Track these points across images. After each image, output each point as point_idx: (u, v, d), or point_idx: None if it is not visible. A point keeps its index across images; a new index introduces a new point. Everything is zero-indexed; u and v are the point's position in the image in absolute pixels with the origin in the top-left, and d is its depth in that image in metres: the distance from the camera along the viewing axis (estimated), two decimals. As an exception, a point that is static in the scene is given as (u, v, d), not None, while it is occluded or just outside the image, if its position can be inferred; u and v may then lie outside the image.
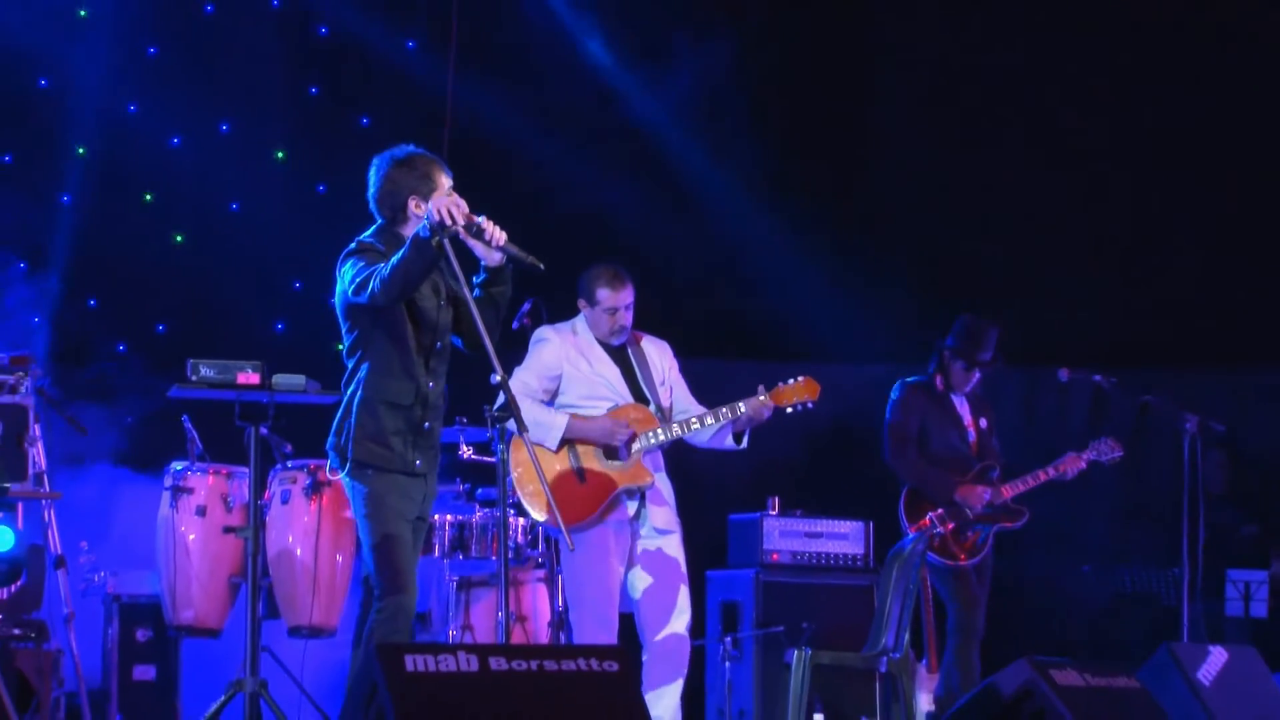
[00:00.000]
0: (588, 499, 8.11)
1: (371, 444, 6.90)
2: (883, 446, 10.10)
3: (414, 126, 12.91)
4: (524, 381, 8.12)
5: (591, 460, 8.12)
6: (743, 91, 13.02)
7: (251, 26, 12.56)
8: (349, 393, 7.00)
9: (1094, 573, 12.97)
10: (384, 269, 6.78)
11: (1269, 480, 12.59)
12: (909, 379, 10.16)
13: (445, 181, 7.13)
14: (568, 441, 8.09)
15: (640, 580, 8.32)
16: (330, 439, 7.03)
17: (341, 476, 7.03)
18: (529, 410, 7.71)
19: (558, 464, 8.10)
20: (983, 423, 10.06)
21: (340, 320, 7.13)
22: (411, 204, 7.14)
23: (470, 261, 7.07)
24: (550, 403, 8.27)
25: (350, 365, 7.07)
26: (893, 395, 10.11)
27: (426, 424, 7.04)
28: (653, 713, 7.34)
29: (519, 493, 8.05)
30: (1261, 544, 12.40)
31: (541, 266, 6.98)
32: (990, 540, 9.92)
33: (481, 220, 6.89)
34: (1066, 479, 10.02)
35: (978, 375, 10.01)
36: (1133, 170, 13.67)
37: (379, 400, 6.93)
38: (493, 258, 7.05)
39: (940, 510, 9.85)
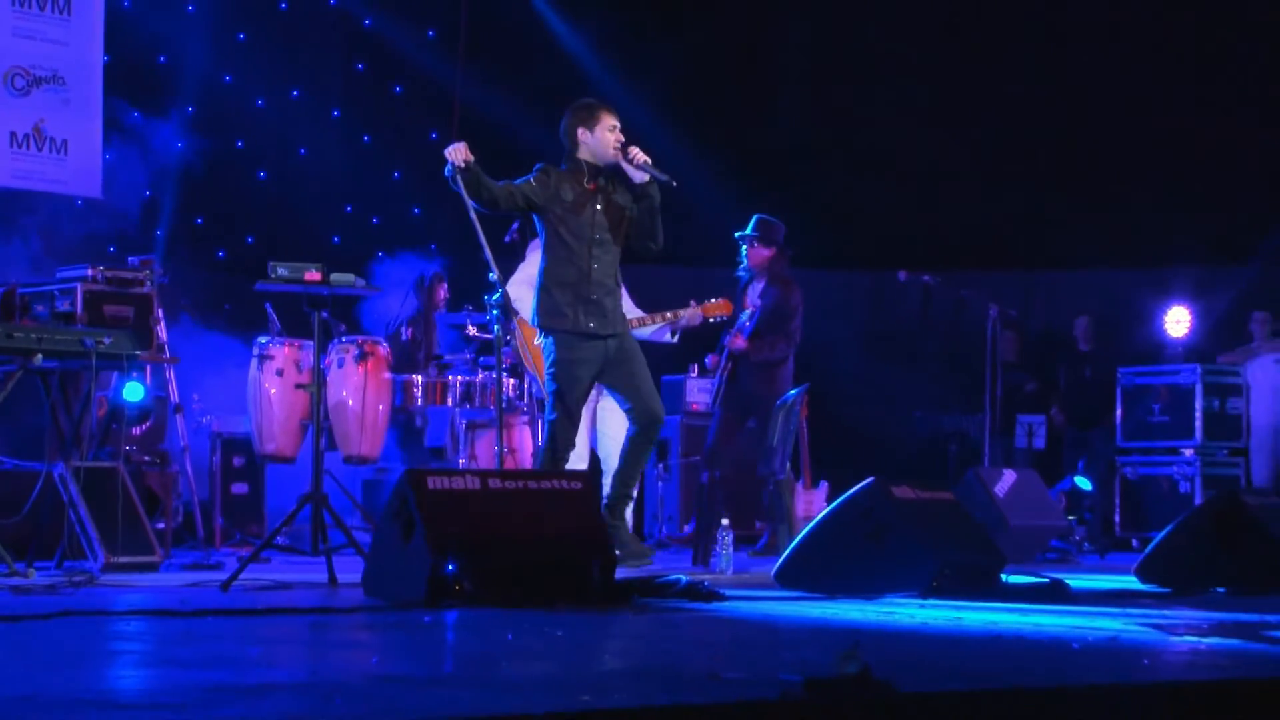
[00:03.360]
0: None
1: (552, 315, 6.86)
2: None
3: (433, 93, 12.95)
4: (531, 275, 8.02)
5: None
6: (679, 68, 12.99)
7: (314, 18, 12.56)
8: (538, 280, 6.99)
9: (923, 417, 13.07)
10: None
11: (1046, 351, 12.69)
12: None
13: (606, 118, 6.98)
14: None
15: (602, 425, 8.37)
16: (533, 317, 7.03)
17: (542, 339, 6.98)
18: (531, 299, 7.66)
19: None
20: (757, 300, 9.41)
21: None
22: (579, 133, 7.00)
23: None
24: None
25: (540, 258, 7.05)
26: None
27: (594, 296, 6.89)
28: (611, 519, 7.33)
29: (523, 351, 7.99)
30: (1040, 397, 12.52)
31: (675, 183, 6.90)
32: (717, 382, 9.47)
33: (632, 150, 6.86)
34: (687, 323, 9.31)
35: (749, 254, 9.39)
36: (959, 121, 13.73)
37: (552, 283, 6.87)
38: (637, 176, 6.92)
39: None
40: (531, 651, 3.96)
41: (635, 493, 8.10)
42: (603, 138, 6.91)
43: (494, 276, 6.79)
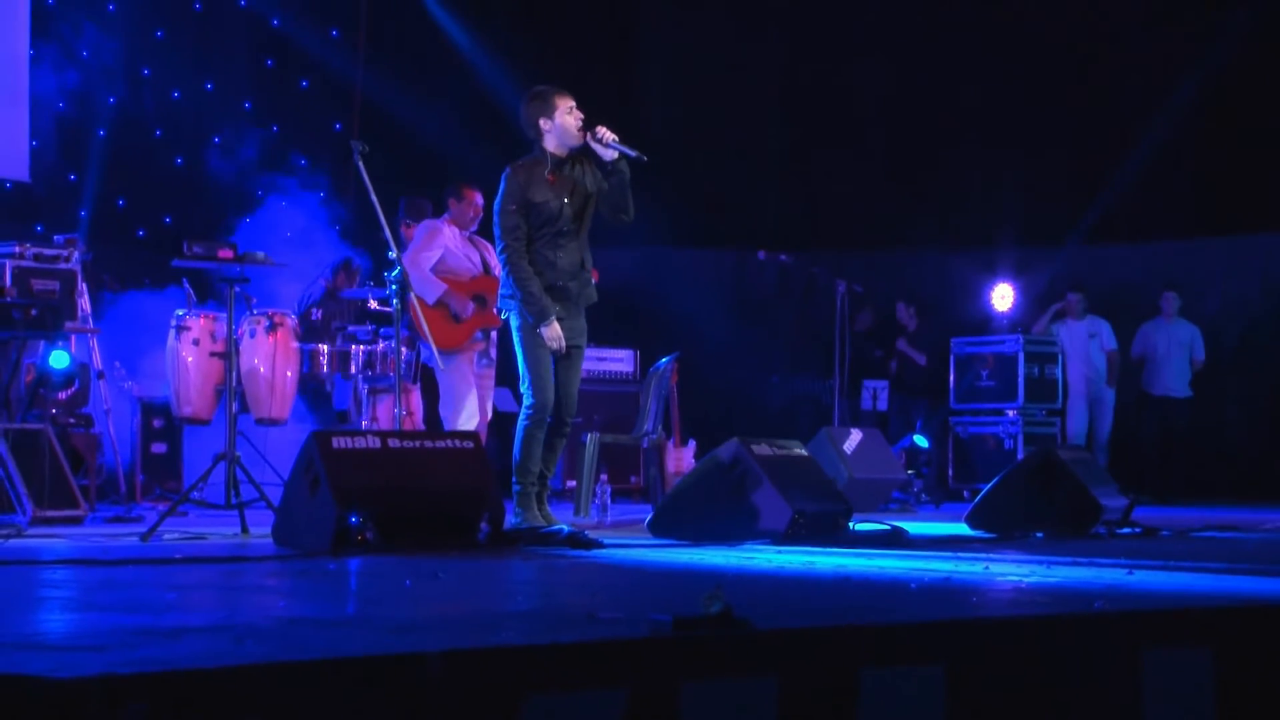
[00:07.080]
0: (460, 332, 8.00)
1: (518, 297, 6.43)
2: None
3: (336, 86, 12.81)
4: (425, 255, 7.90)
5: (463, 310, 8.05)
6: (552, 60, 12.89)
7: (226, 18, 12.39)
8: (503, 264, 6.52)
9: (780, 382, 13.16)
10: None
11: (891, 323, 12.77)
12: None
13: (562, 102, 6.46)
14: (442, 303, 7.90)
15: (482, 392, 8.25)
16: (500, 300, 6.59)
17: (511, 317, 6.51)
18: (425, 278, 7.56)
19: (443, 311, 7.94)
20: None
21: None
22: (541, 124, 6.48)
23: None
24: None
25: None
26: None
27: (559, 283, 6.44)
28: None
29: (418, 322, 7.75)
30: (884, 363, 12.64)
31: (645, 158, 6.38)
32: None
33: (600, 130, 6.37)
34: None
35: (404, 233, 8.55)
36: (812, 115, 13.81)
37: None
38: (607, 154, 6.42)
39: None
40: (427, 595, 3.94)
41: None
42: (564, 123, 6.43)
43: (393, 255, 6.71)
